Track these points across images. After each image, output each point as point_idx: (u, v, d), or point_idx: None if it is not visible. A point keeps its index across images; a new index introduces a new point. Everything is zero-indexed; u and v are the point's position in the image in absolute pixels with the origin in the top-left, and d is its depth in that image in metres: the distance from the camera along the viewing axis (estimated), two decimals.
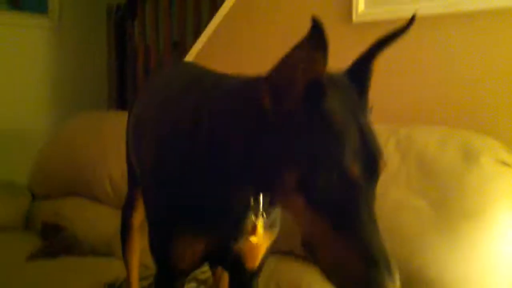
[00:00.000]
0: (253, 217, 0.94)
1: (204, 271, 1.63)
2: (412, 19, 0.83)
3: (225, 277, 1.35)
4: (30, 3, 3.64)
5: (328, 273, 0.77)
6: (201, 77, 1.09)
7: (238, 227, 0.95)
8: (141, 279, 1.59)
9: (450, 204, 1.35)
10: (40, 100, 3.64)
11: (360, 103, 0.81)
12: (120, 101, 3.48)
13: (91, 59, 3.76)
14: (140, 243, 1.44)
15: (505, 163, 1.40)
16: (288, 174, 0.77)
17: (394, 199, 1.45)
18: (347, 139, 0.75)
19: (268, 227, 1.00)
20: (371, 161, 0.76)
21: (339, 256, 0.74)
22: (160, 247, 1.02)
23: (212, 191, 0.91)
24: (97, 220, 2.40)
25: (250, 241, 0.98)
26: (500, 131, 1.55)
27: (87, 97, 3.67)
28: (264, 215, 0.94)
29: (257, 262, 1.07)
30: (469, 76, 1.73)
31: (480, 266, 1.32)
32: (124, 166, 2.39)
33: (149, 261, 1.09)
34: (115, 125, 2.62)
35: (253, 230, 0.95)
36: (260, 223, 0.95)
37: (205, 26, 2.77)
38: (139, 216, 1.44)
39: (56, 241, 2.25)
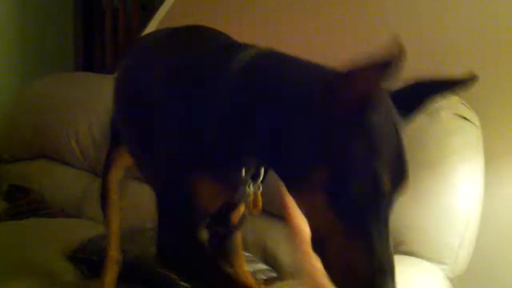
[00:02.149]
0: (252, 189, 0.94)
1: None
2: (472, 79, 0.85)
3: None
4: None
5: (335, 276, 0.78)
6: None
7: (240, 191, 0.95)
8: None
9: (410, 156, 1.38)
10: (4, 61, 3.54)
11: (399, 122, 0.82)
12: (87, 63, 3.43)
13: (57, 20, 3.66)
14: (118, 201, 1.45)
15: (463, 117, 1.44)
16: (321, 168, 0.77)
17: None
18: (384, 152, 0.76)
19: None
20: (400, 177, 0.79)
21: (350, 262, 0.76)
22: (176, 191, 0.97)
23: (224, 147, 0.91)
24: (65, 182, 2.38)
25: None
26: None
27: (53, 58, 3.58)
28: (261, 188, 0.95)
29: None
30: (431, 25, 1.74)
31: (435, 215, 1.37)
32: (92, 128, 2.39)
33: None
34: (82, 86, 2.59)
35: (255, 203, 0.96)
36: (259, 197, 0.95)
37: None
38: (118, 175, 1.46)
39: (23, 203, 2.23)
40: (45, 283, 1.56)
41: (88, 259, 1.67)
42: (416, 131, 1.41)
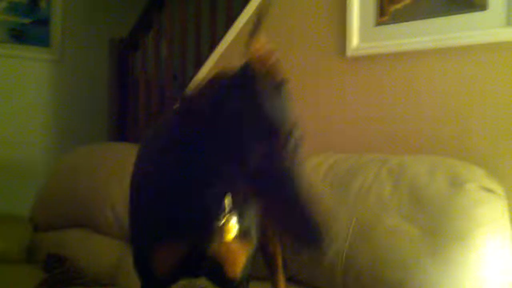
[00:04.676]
0: (222, 217, 1.05)
1: None
2: (260, 17, 0.97)
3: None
4: (32, 36, 3.75)
5: (286, 235, 0.94)
6: None
7: (210, 228, 1.06)
8: None
9: (439, 229, 1.42)
10: (41, 133, 3.70)
11: (250, 97, 0.93)
12: (120, 134, 3.56)
13: (93, 92, 3.84)
14: None
15: (488, 190, 1.47)
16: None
17: (386, 225, 1.52)
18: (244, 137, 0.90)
19: (243, 233, 1.11)
20: (272, 139, 0.89)
21: (287, 221, 0.89)
22: (141, 260, 1.17)
23: (184, 197, 1.02)
24: (99, 251, 2.43)
25: (224, 243, 1.07)
26: (484, 160, 1.63)
27: (88, 130, 3.74)
28: (235, 216, 1.06)
29: (237, 270, 1.15)
30: (458, 109, 1.81)
31: (465, 286, 1.37)
32: (127, 197, 2.45)
33: None
34: (117, 156, 2.68)
35: (223, 229, 1.05)
36: (230, 222, 1.05)
37: (205, 59, 2.86)
38: None
39: (59, 273, 2.29)
40: None
41: None
42: (442, 202, 1.46)
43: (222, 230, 1.05)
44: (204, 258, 1.09)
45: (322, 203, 0.88)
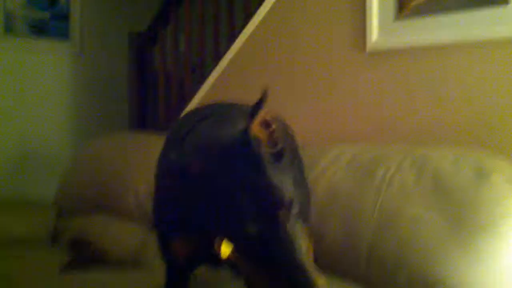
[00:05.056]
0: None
1: None
2: (264, 95, 0.95)
3: None
4: (52, 30, 3.81)
5: None
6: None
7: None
8: None
9: (464, 218, 1.44)
10: (63, 124, 3.78)
11: (251, 165, 0.92)
12: (141, 126, 3.60)
13: (112, 84, 3.90)
14: None
15: None
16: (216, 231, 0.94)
17: (410, 214, 1.54)
18: (237, 207, 0.89)
19: None
20: (269, 214, 0.88)
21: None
22: (162, 249, 1.31)
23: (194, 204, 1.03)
24: (123, 235, 2.47)
25: None
26: (509, 154, 1.66)
27: (108, 122, 3.80)
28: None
29: None
30: (481, 103, 1.84)
31: (494, 276, 1.39)
32: (149, 184, 2.50)
33: None
34: (139, 144, 2.74)
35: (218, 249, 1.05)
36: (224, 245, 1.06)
37: (224, 52, 2.90)
38: None
39: (84, 255, 2.35)
40: None
41: None
42: (467, 193, 1.48)
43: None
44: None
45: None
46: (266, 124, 0.95)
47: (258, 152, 0.92)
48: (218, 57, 2.98)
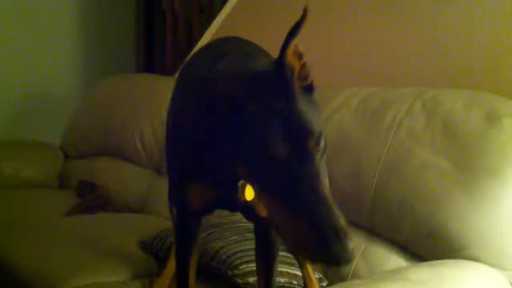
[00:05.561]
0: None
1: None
2: (304, 15, 0.90)
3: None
4: None
5: (293, 248, 0.88)
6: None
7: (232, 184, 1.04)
8: None
9: (472, 163, 1.40)
10: (69, 64, 3.70)
11: (283, 93, 0.88)
12: (148, 67, 3.55)
13: (120, 24, 3.81)
14: None
15: None
16: (240, 168, 0.90)
17: (418, 158, 1.50)
18: (267, 131, 0.84)
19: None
20: (299, 140, 0.84)
21: (294, 232, 0.82)
22: (176, 193, 1.23)
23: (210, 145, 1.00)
24: (129, 179, 2.50)
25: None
26: None
27: (116, 62, 3.73)
28: None
29: None
30: (494, 42, 1.74)
31: (498, 221, 1.36)
32: (155, 128, 2.49)
33: None
34: (146, 87, 2.71)
35: (242, 190, 1.03)
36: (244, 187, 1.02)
37: None
38: None
39: (91, 198, 2.36)
40: (128, 272, 1.67)
41: (155, 254, 1.75)
42: (477, 137, 1.43)
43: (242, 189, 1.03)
44: (234, 200, 1.07)
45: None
46: (299, 55, 0.91)
47: (291, 80, 0.89)
48: None
